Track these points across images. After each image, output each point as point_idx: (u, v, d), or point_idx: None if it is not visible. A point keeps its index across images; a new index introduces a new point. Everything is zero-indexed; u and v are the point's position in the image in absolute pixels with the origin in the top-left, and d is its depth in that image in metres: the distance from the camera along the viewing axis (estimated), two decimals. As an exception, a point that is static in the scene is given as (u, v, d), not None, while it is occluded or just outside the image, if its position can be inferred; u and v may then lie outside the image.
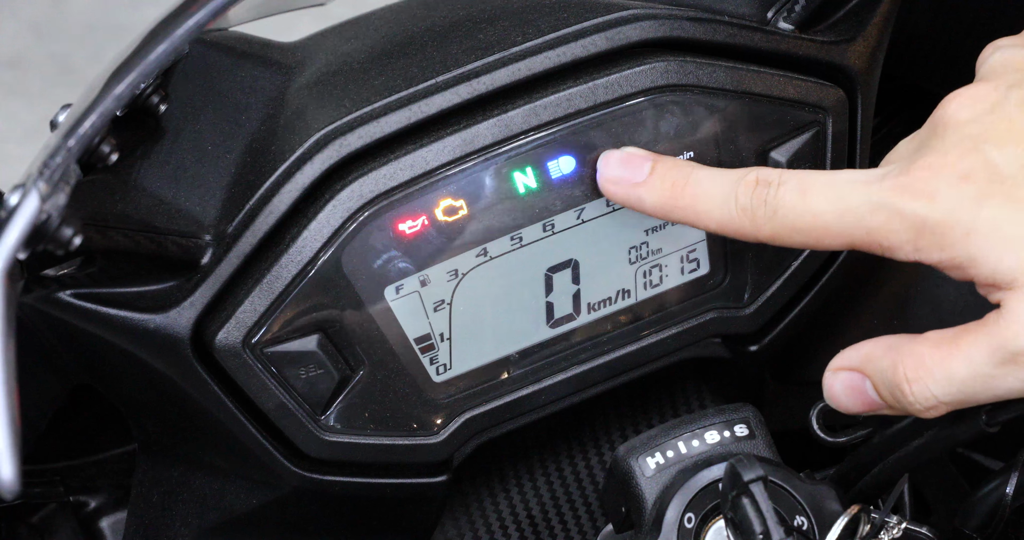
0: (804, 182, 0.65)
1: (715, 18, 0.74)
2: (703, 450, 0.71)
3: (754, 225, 0.67)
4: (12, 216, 0.56)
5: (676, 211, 0.70)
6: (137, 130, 0.72)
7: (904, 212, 0.62)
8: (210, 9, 0.60)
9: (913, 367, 0.63)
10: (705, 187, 0.68)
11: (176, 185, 0.71)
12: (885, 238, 0.63)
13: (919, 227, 0.62)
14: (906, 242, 0.63)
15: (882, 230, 0.63)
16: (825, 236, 0.65)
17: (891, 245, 0.63)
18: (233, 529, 0.79)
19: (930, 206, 0.62)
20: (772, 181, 0.66)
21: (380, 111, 0.70)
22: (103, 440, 0.87)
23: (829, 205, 0.64)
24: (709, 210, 0.68)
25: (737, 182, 0.67)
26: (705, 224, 0.69)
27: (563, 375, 0.78)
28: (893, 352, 0.64)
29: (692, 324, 0.79)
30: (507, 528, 0.84)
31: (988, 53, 0.67)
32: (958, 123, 0.63)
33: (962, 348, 0.62)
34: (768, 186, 0.66)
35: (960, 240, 0.61)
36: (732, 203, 0.67)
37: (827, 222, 0.64)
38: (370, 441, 0.74)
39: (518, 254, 0.73)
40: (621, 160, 0.71)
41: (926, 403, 0.63)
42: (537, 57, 0.71)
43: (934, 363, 0.63)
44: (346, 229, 0.69)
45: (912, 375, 0.63)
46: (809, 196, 0.65)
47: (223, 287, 0.70)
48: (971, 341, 0.62)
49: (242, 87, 0.72)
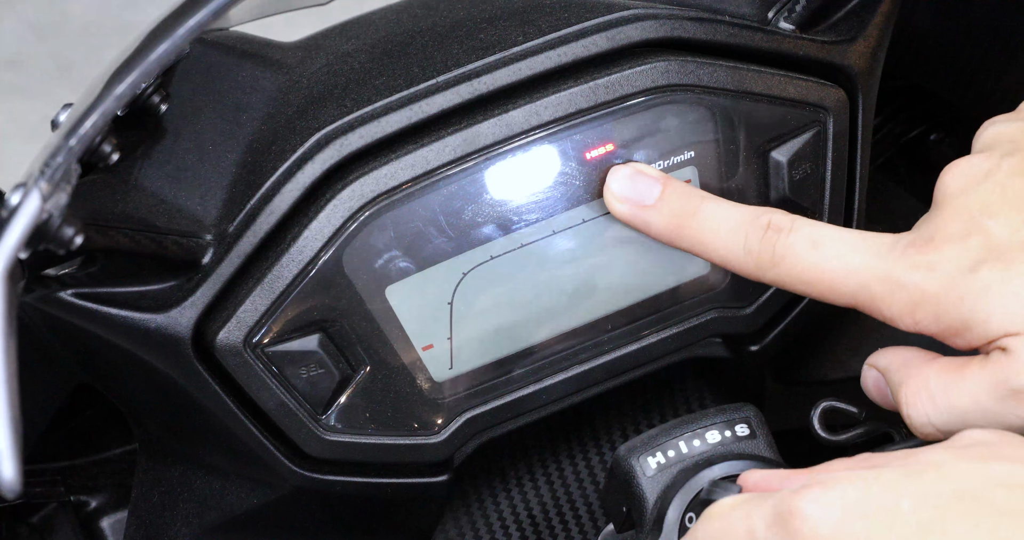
0: (816, 235, 0.66)
1: (716, 18, 0.74)
2: (704, 450, 0.71)
3: (759, 268, 0.68)
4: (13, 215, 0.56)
5: (682, 240, 0.71)
6: (138, 130, 0.72)
7: (905, 284, 0.63)
8: (211, 9, 0.60)
9: (915, 390, 0.64)
10: (713, 222, 0.70)
11: (177, 185, 0.71)
12: (888, 307, 0.64)
13: (917, 299, 0.63)
14: (906, 314, 0.64)
15: (885, 300, 0.64)
16: (828, 292, 0.66)
17: (891, 315, 0.64)
18: (234, 529, 0.79)
19: (928, 277, 0.63)
20: (784, 228, 0.67)
21: (381, 111, 0.70)
22: (104, 440, 0.87)
23: (838, 263, 0.65)
24: (715, 246, 0.70)
25: (748, 222, 0.68)
26: (708, 257, 0.70)
27: (564, 375, 0.78)
28: (904, 370, 0.66)
29: (693, 324, 0.79)
30: (508, 528, 0.84)
31: (984, 128, 0.68)
32: (954, 194, 0.65)
33: (966, 379, 0.63)
34: (779, 232, 0.67)
35: (954, 306, 0.62)
36: (740, 242, 0.68)
37: (833, 280, 0.66)
38: (371, 441, 0.74)
39: (519, 254, 0.73)
40: (631, 178, 0.72)
41: (921, 428, 0.64)
42: (538, 57, 0.71)
43: (937, 390, 0.64)
44: (347, 229, 0.69)
45: (912, 399, 0.64)
46: (819, 251, 0.66)
47: (224, 287, 0.70)
48: (975, 373, 0.63)
49: (243, 87, 0.72)
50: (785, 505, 0.55)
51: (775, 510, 0.56)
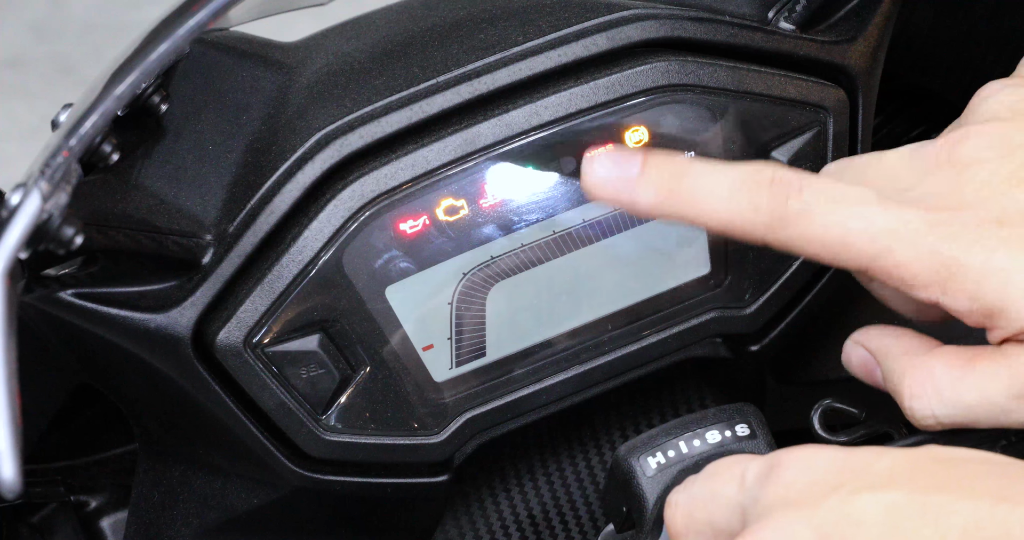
0: (833, 192, 0.61)
1: (716, 18, 0.74)
2: (704, 450, 0.71)
3: (769, 229, 0.61)
4: (14, 215, 0.56)
5: (674, 208, 0.62)
6: (138, 130, 0.72)
7: (939, 251, 0.59)
8: (211, 9, 0.60)
9: (920, 382, 0.61)
10: (708, 181, 0.62)
11: (177, 185, 0.71)
12: (913, 274, 0.60)
13: (952, 270, 0.59)
14: (934, 284, 0.59)
15: (911, 265, 0.59)
16: (845, 254, 0.60)
17: (916, 282, 0.60)
18: (234, 529, 0.79)
19: (967, 250, 0.59)
20: (792, 183, 0.61)
21: (381, 111, 0.70)
22: (104, 440, 0.87)
23: (862, 224, 0.60)
24: (714, 208, 0.61)
25: (749, 179, 0.61)
26: (706, 222, 0.62)
27: (564, 375, 0.78)
28: (906, 359, 0.62)
29: (693, 324, 0.79)
30: (508, 528, 0.84)
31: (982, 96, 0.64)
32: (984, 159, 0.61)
33: (977, 373, 0.60)
34: (788, 187, 0.61)
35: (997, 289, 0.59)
36: (743, 201, 0.61)
37: (855, 241, 0.60)
38: (371, 441, 0.74)
39: (519, 254, 0.73)
40: (608, 158, 0.63)
41: (923, 420, 0.62)
42: (538, 57, 0.71)
43: (944, 384, 0.61)
44: (347, 229, 0.69)
45: (917, 391, 0.61)
46: (841, 210, 0.60)
47: (224, 287, 0.70)
48: (988, 368, 0.60)
49: (243, 87, 0.72)
50: (777, 457, 0.57)
51: (768, 461, 0.57)
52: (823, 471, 0.55)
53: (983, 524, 0.52)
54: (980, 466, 0.54)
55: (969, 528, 0.52)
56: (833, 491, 0.54)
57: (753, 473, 0.57)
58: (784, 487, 0.55)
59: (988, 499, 0.52)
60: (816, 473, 0.55)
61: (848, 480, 0.54)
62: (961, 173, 0.61)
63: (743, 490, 0.58)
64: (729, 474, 0.59)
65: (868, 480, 0.54)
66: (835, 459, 0.56)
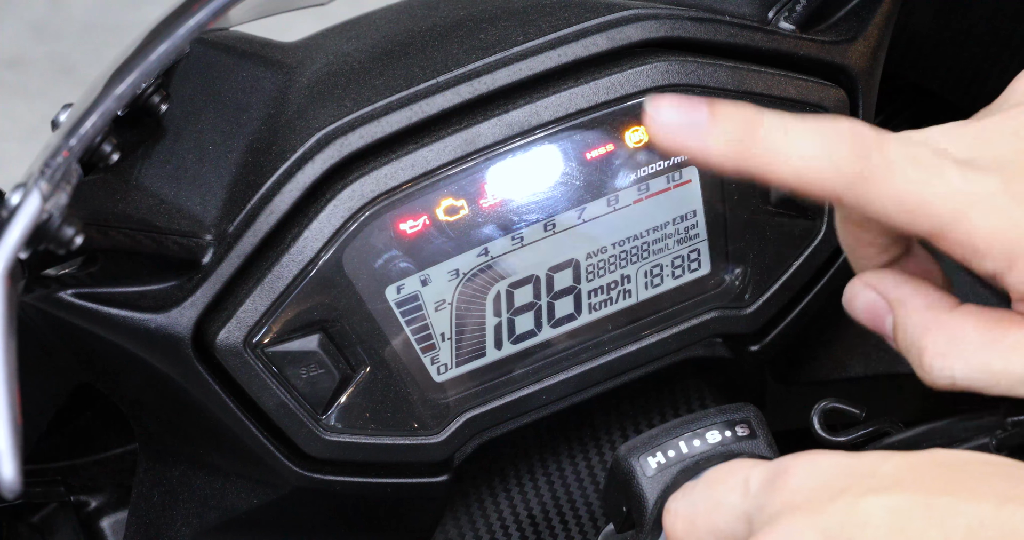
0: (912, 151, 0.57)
1: (716, 18, 0.74)
2: (704, 450, 0.71)
3: (849, 184, 0.57)
4: (14, 215, 0.56)
5: (748, 161, 0.58)
6: (138, 130, 0.72)
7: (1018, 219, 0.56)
8: (211, 9, 0.60)
9: (945, 342, 0.58)
10: (782, 133, 0.58)
11: (177, 185, 0.71)
12: (984, 241, 0.56)
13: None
14: (1002, 258, 0.56)
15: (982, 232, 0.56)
16: (920, 215, 0.56)
17: (984, 251, 0.56)
18: (234, 529, 0.79)
19: None
20: (873, 138, 0.57)
21: (381, 111, 0.70)
22: (104, 440, 0.87)
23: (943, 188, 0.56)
24: (791, 159, 0.57)
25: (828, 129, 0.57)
26: (781, 176, 0.58)
27: (564, 375, 0.78)
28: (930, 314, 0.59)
29: (693, 324, 0.79)
30: (508, 528, 0.84)
31: None
32: None
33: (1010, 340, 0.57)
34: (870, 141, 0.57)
35: None
36: (820, 153, 0.57)
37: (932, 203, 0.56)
38: (371, 441, 0.74)
39: (519, 254, 0.73)
40: (675, 103, 0.58)
41: (939, 380, 0.58)
42: (538, 57, 0.71)
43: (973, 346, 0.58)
44: (347, 229, 0.69)
45: (942, 350, 0.58)
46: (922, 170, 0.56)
47: (224, 287, 0.70)
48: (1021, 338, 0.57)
49: (243, 87, 0.72)
50: (781, 465, 0.56)
51: (774, 469, 0.56)
52: (828, 476, 0.55)
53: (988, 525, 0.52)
54: (983, 468, 0.54)
55: (974, 528, 0.52)
56: (839, 495, 0.54)
57: (757, 480, 0.57)
58: (790, 493, 0.55)
59: (992, 500, 0.52)
60: (821, 478, 0.55)
61: (853, 484, 0.54)
62: None
63: (747, 497, 0.57)
64: (732, 481, 0.58)
65: (873, 483, 0.54)
66: (840, 464, 0.55)
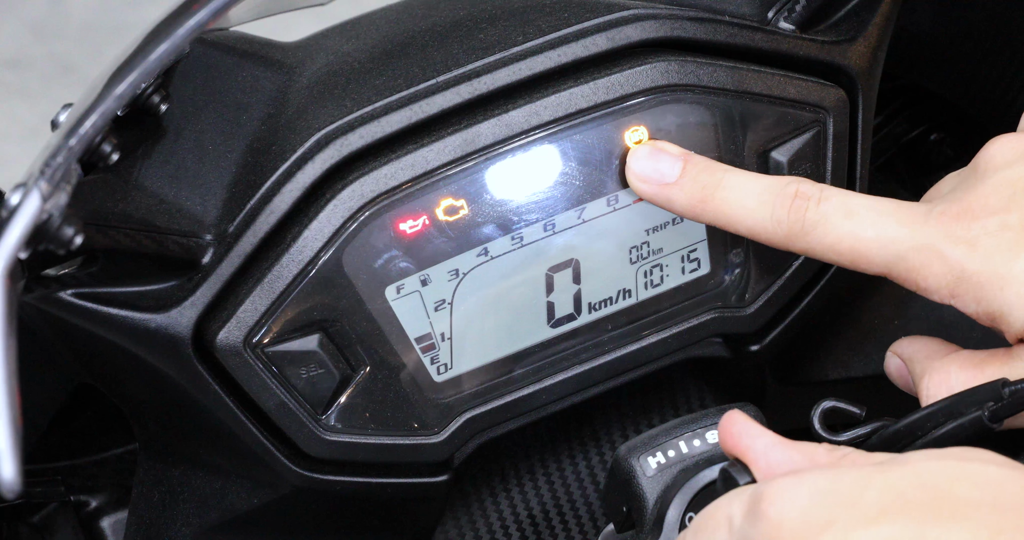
0: (849, 203, 0.66)
1: (716, 18, 0.74)
2: (704, 449, 0.71)
3: (789, 237, 0.67)
4: (14, 215, 0.56)
5: (706, 214, 0.70)
6: (138, 130, 0.72)
7: (947, 257, 0.63)
8: (211, 9, 0.60)
9: (936, 382, 0.66)
10: (737, 193, 0.69)
11: (177, 185, 0.71)
12: (924, 278, 0.64)
13: (958, 275, 0.63)
14: (943, 287, 0.64)
15: (922, 270, 0.64)
16: (860, 260, 0.66)
17: (928, 287, 0.64)
18: (234, 529, 0.79)
19: (970, 254, 0.63)
20: (812, 196, 0.67)
21: (381, 111, 0.70)
22: (104, 440, 0.87)
23: (873, 233, 0.65)
24: (742, 217, 0.69)
25: (775, 191, 0.68)
26: (735, 228, 0.70)
27: (564, 375, 0.78)
28: (927, 361, 0.67)
29: (693, 324, 0.79)
30: (508, 528, 0.84)
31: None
32: (997, 167, 0.64)
33: (985, 375, 0.64)
34: (808, 200, 0.67)
35: (996, 294, 0.62)
36: (768, 212, 0.68)
37: (868, 249, 0.65)
38: (371, 441, 0.74)
39: (519, 254, 0.73)
40: (651, 157, 0.71)
41: None
42: (538, 57, 0.71)
43: (957, 384, 0.65)
44: (347, 229, 0.69)
45: (933, 390, 0.66)
46: (854, 219, 0.65)
47: (224, 287, 0.70)
48: (996, 370, 0.64)
49: (243, 87, 0.72)
50: (759, 491, 0.56)
51: (751, 497, 0.56)
52: (809, 505, 0.54)
53: None
54: (972, 492, 0.54)
55: None
56: (825, 529, 0.53)
57: (739, 514, 0.57)
58: (774, 527, 0.54)
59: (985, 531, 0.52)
60: (801, 508, 0.54)
61: (838, 516, 0.54)
62: (983, 178, 0.64)
63: (733, 533, 0.57)
64: (714, 522, 0.58)
65: (859, 514, 0.53)
66: (818, 490, 0.55)
